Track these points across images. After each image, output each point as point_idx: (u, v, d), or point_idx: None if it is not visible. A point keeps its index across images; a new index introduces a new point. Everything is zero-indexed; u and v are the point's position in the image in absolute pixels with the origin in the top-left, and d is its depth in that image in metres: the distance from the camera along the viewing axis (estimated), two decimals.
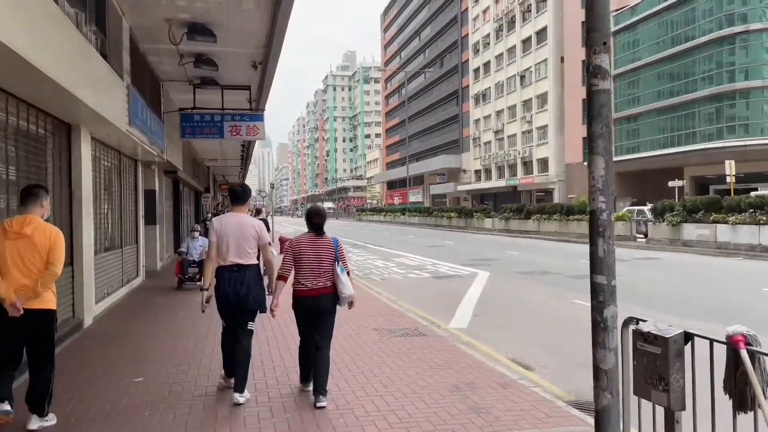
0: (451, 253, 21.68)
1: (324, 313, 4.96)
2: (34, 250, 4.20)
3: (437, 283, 13.42)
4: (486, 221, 37.06)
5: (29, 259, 4.19)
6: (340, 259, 4.97)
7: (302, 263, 4.90)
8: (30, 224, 4.22)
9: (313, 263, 4.88)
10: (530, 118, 57.51)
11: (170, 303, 10.36)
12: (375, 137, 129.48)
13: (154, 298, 11.05)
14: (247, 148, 26.06)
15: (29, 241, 4.19)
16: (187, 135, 13.33)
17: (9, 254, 4.16)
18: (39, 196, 4.42)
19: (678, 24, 38.68)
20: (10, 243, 4.16)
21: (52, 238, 4.28)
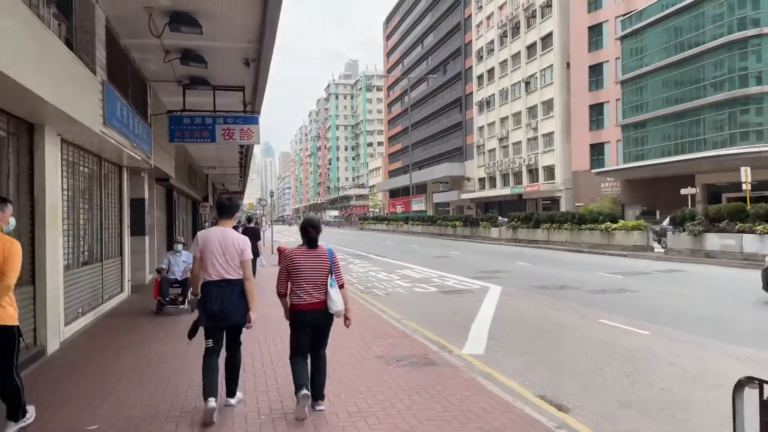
0: (458, 264, 20.66)
1: (323, 327, 4.92)
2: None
3: (446, 299, 12.40)
4: (492, 230, 36.01)
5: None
6: (333, 272, 4.88)
7: (298, 277, 4.80)
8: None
9: (310, 276, 4.80)
10: (536, 125, 56.62)
11: (151, 323, 9.36)
12: (377, 145, 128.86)
13: (135, 317, 10.05)
14: (246, 155, 25.14)
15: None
16: (176, 139, 12.39)
17: None
18: (3, 205, 4.36)
19: (686, 29, 37.79)
20: None
21: (6, 248, 4.13)
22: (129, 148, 9.98)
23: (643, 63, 41.43)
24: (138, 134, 10.70)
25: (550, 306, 11.07)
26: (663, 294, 12.46)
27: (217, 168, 30.53)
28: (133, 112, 10.32)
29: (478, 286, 14.28)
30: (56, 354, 7.26)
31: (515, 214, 33.38)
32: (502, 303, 11.55)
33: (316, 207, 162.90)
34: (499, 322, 9.60)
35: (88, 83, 7.38)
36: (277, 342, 7.75)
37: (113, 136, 8.66)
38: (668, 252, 20.30)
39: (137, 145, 10.63)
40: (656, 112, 40.32)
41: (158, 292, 10.14)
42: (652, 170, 40.27)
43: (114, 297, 11.33)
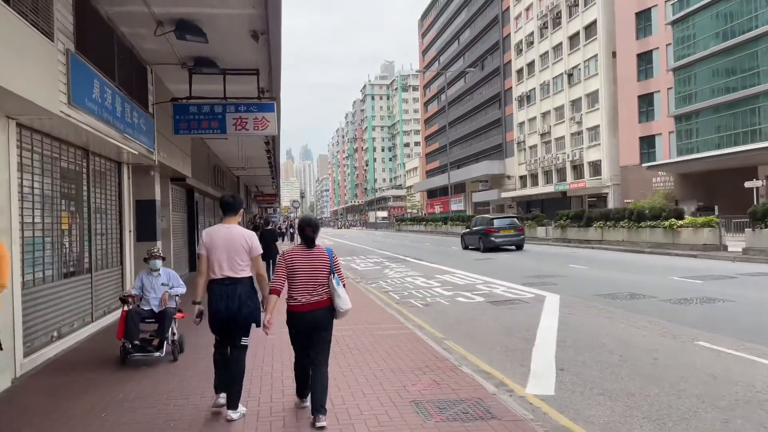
0: (504, 268, 18.66)
1: (320, 329, 4.76)
2: None
3: (496, 312, 10.49)
4: (539, 230, 33.63)
5: None
6: (335, 271, 4.76)
7: (296, 277, 4.69)
8: None
9: (308, 277, 4.69)
10: (580, 118, 53.82)
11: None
12: (414, 145, 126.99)
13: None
14: (273, 154, 23.67)
15: None
16: (181, 130, 10.86)
17: None
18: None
19: (737, 14, 34.75)
20: None
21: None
22: (118, 140, 8.46)
23: (697, 48, 38.39)
24: (132, 124, 9.18)
25: (626, 321, 9.04)
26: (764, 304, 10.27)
27: (246, 169, 29.21)
28: (124, 98, 8.80)
29: (531, 294, 12.31)
30: (3, 396, 5.71)
31: (563, 212, 30.98)
32: (565, 317, 9.57)
33: (354, 209, 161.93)
34: (566, 344, 7.67)
35: (39, 50, 5.81)
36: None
37: (88, 121, 7.11)
38: (747, 251, 17.82)
39: (131, 137, 9.11)
40: (714, 101, 37.25)
41: (123, 330, 6.72)
42: (709, 163, 37.22)
43: (111, 312, 9.84)
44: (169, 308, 7.09)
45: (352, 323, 9.17)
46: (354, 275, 18.38)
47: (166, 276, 7.36)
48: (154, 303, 7.17)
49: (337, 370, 6.35)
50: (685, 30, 39.96)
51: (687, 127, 40.26)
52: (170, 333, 6.98)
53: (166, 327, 6.93)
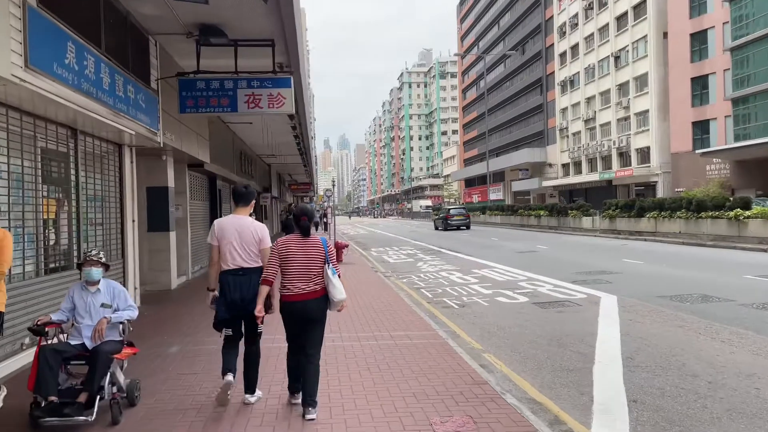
0: (549, 262, 17.10)
1: (313, 320, 4.69)
2: None
3: (543, 316, 9.07)
4: (584, 220, 31.67)
5: None
6: (329, 261, 4.67)
7: (290, 267, 4.62)
8: None
9: (302, 266, 4.62)
10: (627, 103, 51.06)
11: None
12: (452, 134, 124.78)
13: None
14: (302, 140, 22.54)
15: None
16: (188, 108, 9.73)
17: None
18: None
19: None
20: None
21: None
22: (106, 116, 7.35)
23: (757, 27, 35.49)
24: (126, 99, 8.08)
25: (704, 332, 7.51)
26: None
27: (276, 156, 28.27)
28: (115, 69, 7.69)
29: (583, 294, 10.81)
30: None
31: (612, 202, 28.96)
32: (627, 325, 8.09)
33: (391, 198, 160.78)
34: (634, 362, 6.23)
35: None
36: None
37: (57, 91, 5.99)
38: None
39: (126, 114, 8.01)
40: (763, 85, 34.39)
41: (35, 378, 4.37)
42: (766, 150, 34.42)
43: None
44: (109, 343, 4.68)
45: (373, 329, 7.91)
46: (385, 268, 17.13)
47: (108, 292, 4.91)
48: (86, 334, 4.71)
49: (348, 396, 5.11)
50: (743, 7, 37.05)
51: (745, 111, 37.42)
52: (107, 383, 4.55)
53: (98, 374, 4.43)
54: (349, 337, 7.42)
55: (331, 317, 8.72)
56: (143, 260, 12.05)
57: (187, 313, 9.46)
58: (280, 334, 5.13)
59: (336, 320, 8.38)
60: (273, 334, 6.63)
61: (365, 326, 8.15)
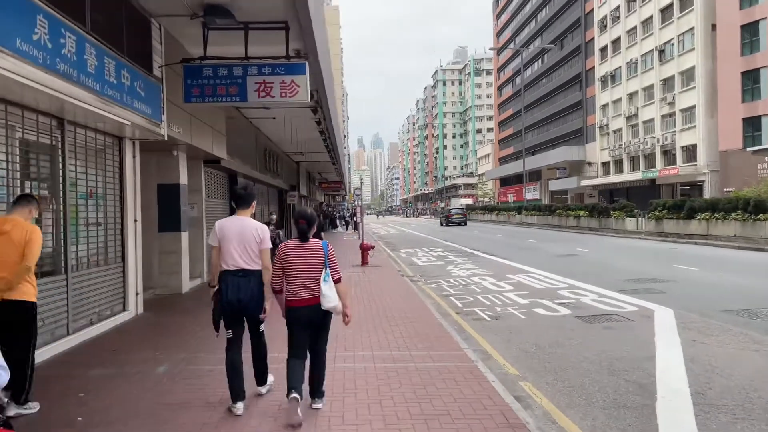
0: (591, 267, 15.80)
1: (316, 326, 4.69)
2: (12, 246, 4.53)
3: (588, 333, 7.91)
4: (628, 221, 29.94)
5: (7, 254, 4.50)
6: (328, 265, 4.61)
7: (291, 272, 4.61)
8: (8, 223, 4.62)
9: (303, 271, 4.58)
10: (672, 99, 48.74)
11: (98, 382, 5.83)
12: (487, 132, 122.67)
13: (99, 359, 6.60)
14: (328, 136, 21.65)
15: (8, 238, 4.53)
16: (193, 98, 8.88)
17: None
18: (29, 203, 4.88)
19: None
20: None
21: (28, 234, 4.59)
22: (92, 104, 6.52)
23: None
24: (119, 86, 7.25)
25: None
26: None
27: (304, 154, 27.48)
28: (104, 51, 6.86)
29: (633, 307, 9.57)
30: None
31: (658, 202, 27.22)
32: (691, 347, 6.89)
33: (424, 197, 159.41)
34: (707, 400, 5.07)
35: None
36: None
37: (21, 70, 5.15)
38: None
39: (119, 103, 7.18)
40: None
41: None
42: None
43: (103, 321, 8.05)
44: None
45: (392, 345, 6.89)
46: (413, 272, 16.10)
47: None
48: None
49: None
50: None
51: None
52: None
53: None
54: (362, 357, 6.43)
55: (348, 332, 7.80)
56: (152, 262, 11.34)
57: (191, 322, 8.62)
58: None
59: (352, 334, 7.40)
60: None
61: (383, 342, 7.15)
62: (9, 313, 4.51)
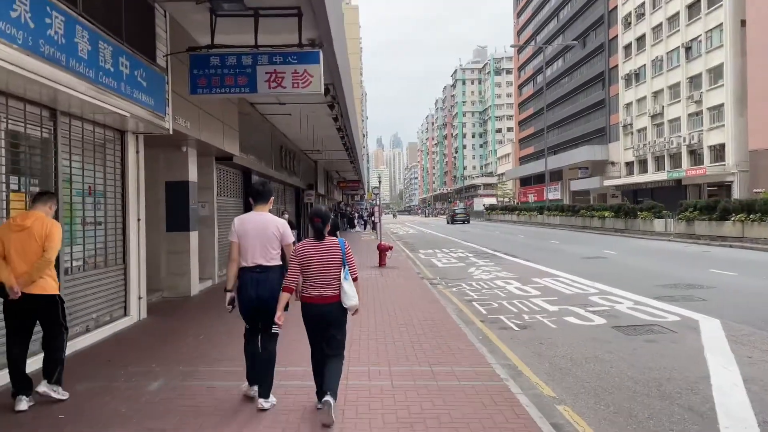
0: (622, 271, 14.98)
1: (332, 324, 4.57)
2: (33, 240, 4.74)
3: (629, 346, 7.17)
4: (656, 223, 28.87)
5: (29, 248, 4.72)
6: (347, 264, 4.55)
7: (308, 270, 4.53)
8: (29, 218, 4.81)
9: (320, 270, 4.51)
10: (699, 97, 47.37)
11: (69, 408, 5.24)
12: (507, 131, 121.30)
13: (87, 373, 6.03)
14: (347, 134, 21.04)
15: (29, 233, 4.74)
16: (199, 89, 8.31)
17: (13, 245, 4.72)
18: (49, 198, 5.09)
19: None
20: (15, 236, 4.74)
21: (48, 228, 4.81)
22: (83, 92, 5.96)
23: None
24: (118, 74, 6.70)
25: None
26: None
27: (322, 152, 26.94)
28: (98, 35, 6.30)
29: (674, 316, 8.78)
30: None
31: (689, 202, 26.15)
32: (747, 365, 6.12)
33: (443, 197, 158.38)
34: None
35: None
36: None
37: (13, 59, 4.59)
38: None
39: (113, 91, 6.62)
40: None
41: None
42: None
43: (100, 328, 7.51)
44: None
45: (411, 359, 6.24)
46: (433, 274, 15.42)
47: None
48: None
49: None
50: None
51: None
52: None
53: None
54: (378, 373, 5.78)
55: (364, 341, 7.17)
56: (160, 264, 10.83)
57: (196, 329, 8.04)
58: None
59: (367, 346, 6.77)
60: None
61: (401, 355, 6.49)
62: (33, 306, 4.79)
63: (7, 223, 4.89)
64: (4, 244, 4.73)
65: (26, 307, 4.75)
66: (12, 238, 4.74)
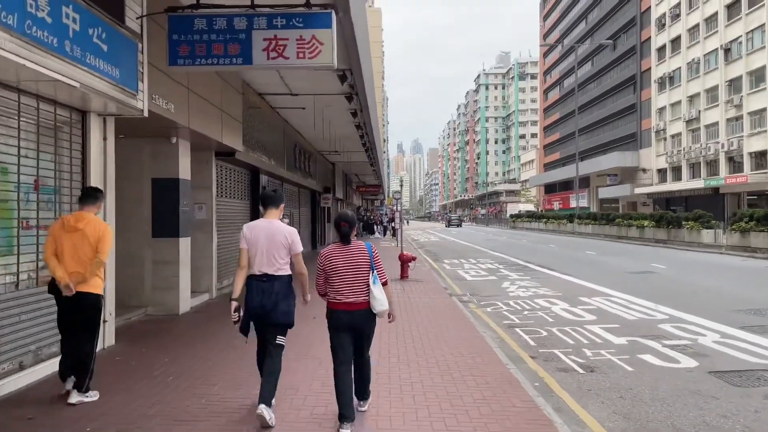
0: (681, 289, 12.99)
1: (362, 329, 4.46)
2: (86, 242, 4.88)
3: (745, 405, 5.27)
4: (704, 233, 26.56)
5: (81, 249, 4.87)
6: (375, 268, 4.45)
7: (336, 276, 4.41)
8: (83, 220, 4.95)
9: (348, 275, 4.39)
10: (739, 101, 44.75)
11: None
12: (530, 137, 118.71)
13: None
14: (366, 132, 19.30)
15: (82, 234, 4.88)
16: (180, 60, 6.59)
17: (66, 245, 4.85)
18: (97, 198, 5.23)
19: None
20: (68, 236, 4.87)
21: (101, 231, 4.97)
22: (9, 50, 4.28)
23: None
24: (61, 31, 5.01)
25: None
26: None
27: (340, 153, 25.21)
28: None
29: None
30: None
31: (744, 212, 23.80)
32: None
33: (464, 203, 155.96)
34: None
35: None
36: None
37: None
38: None
39: (57, 54, 4.94)
40: None
41: None
42: None
43: (40, 364, 5.80)
44: None
45: (448, 421, 4.40)
46: (461, 289, 13.55)
47: None
48: None
49: None
50: None
51: None
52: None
53: None
54: None
55: (384, 391, 5.39)
56: (143, 275, 9.16)
57: (164, 365, 6.26)
58: None
59: (388, 400, 4.97)
60: None
61: (434, 411, 4.68)
62: (80, 304, 4.88)
63: (60, 223, 4.97)
64: (57, 244, 4.85)
65: (75, 305, 4.89)
66: (65, 238, 4.86)
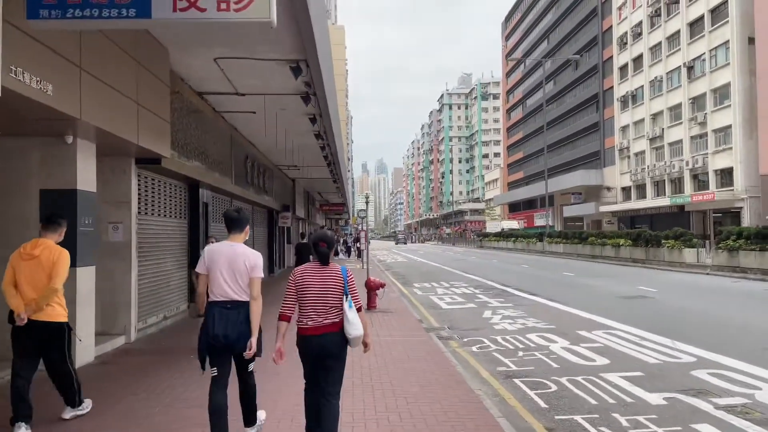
0: (689, 318, 11.40)
1: (330, 356, 4.16)
2: (41, 269, 4.78)
3: None
4: (686, 253, 25.32)
5: (37, 276, 4.77)
6: (349, 293, 4.20)
7: (307, 298, 4.18)
8: (38, 246, 4.84)
9: (319, 297, 4.17)
10: (703, 118, 44.63)
11: None
12: (494, 156, 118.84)
13: None
14: (327, 144, 17.35)
15: (38, 261, 4.79)
16: (44, 11, 4.49)
17: (23, 273, 4.78)
18: (60, 224, 5.12)
19: None
20: (24, 263, 4.80)
21: (55, 256, 4.81)
22: None
23: None
24: None
25: None
26: None
27: (300, 168, 23.12)
28: None
29: None
30: None
31: (732, 230, 22.56)
32: None
33: (429, 222, 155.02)
34: None
35: None
36: None
37: None
38: None
39: None
40: None
41: None
42: None
43: None
44: None
45: None
46: (438, 320, 11.64)
47: None
48: None
49: None
50: None
51: None
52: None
53: None
54: None
55: None
56: None
57: None
58: None
59: None
60: None
61: None
62: (40, 332, 4.81)
63: (18, 252, 4.88)
64: (15, 273, 4.78)
65: (33, 334, 4.75)
66: (22, 267, 4.79)
